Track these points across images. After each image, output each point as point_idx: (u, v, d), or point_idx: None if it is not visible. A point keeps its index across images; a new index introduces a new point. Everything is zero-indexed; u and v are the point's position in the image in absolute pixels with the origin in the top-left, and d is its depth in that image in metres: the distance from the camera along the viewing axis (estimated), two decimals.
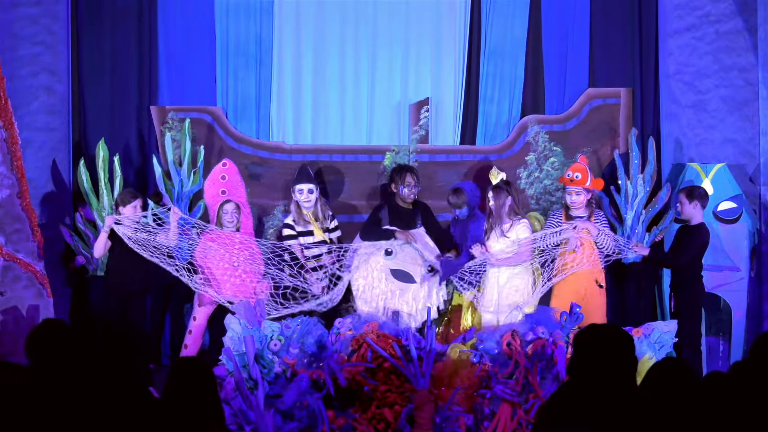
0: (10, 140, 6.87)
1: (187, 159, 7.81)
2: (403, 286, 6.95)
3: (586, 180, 6.88)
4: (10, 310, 6.74)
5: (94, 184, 7.77)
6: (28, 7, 7.92)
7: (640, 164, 7.79)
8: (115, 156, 7.76)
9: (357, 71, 8.40)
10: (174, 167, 7.79)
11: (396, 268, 6.97)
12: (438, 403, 5.77)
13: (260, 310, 6.26)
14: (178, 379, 3.71)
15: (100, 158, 7.75)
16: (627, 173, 7.80)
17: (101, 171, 7.73)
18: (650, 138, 7.90)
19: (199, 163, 7.82)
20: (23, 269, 6.84)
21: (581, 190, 6.87)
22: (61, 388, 3.82)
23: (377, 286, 6.95)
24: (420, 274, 6.96)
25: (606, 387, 3.31)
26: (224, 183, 7.12)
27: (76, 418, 3.69)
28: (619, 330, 3.45)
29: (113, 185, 7.73)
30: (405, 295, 6.93)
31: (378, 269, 6.97)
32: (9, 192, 6.86)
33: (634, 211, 7.72)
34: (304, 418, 5.71)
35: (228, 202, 7.04)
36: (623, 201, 7.79)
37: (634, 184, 7.73)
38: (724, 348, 7.75)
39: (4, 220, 6.82)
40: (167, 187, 7.78)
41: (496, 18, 8.36)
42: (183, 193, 7.80)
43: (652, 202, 7.78)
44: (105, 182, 7.73)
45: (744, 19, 7.89)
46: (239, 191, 7.18)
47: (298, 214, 7.23)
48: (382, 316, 6.70)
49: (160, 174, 7.79)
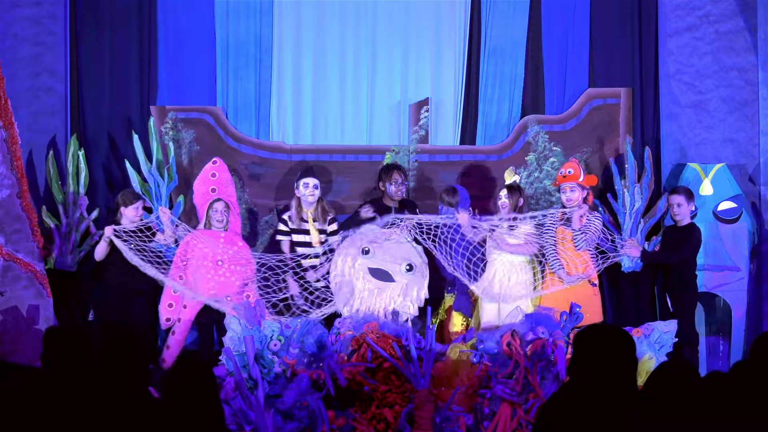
0: (11, 140, 6.86)
1: (155, 157, 7.78)
2: (381, 284, 6.90)
3: (578, 175, 6.87)
4: (10, 310, 6.73)
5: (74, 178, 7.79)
6: (29, 8, 7.93)
7: (636, 172, 7.77)
8: (80, 151, 7.76)
9: (357, 71, 8.40)
10: (145, 166, 7.77)
11: (374, 266, 6.94)
12: (438, 403, 5.76)
13: (260, 310, 6.26)
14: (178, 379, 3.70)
15: (70, 152, 7.75)
16: (623, 180, 7.78)
17: (70, 165, 7.74)
18: (646, 147, 7.88)
19: (171, 159, 7.80)
20: (23, 269, 6.83)
21: (575, 185, 6.86)
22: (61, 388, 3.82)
23: (356, 285, 6.90)
24: (399, 273, 6.91)
25: (606, 387, 3.31)
26: (215, 181, 7.08)
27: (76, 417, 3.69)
28: (620, 330, 3.45)
29: (79, 177, 7.73)
30: (383, 294, 6.88)
31: (356, 267, 6.93)
32: (9, 192, 6.85)
33: (632, 220, 7.69)
34: (304, 418, 5.71)
35: (218, 200, 7.00)
36: (620, 208, 7.77)
37: (632, 193, 7.71)
38: (724, 348, 7.75)
39: (4, 220, 6.81)
40: (143, 189, 7.75)
41: (496, 18, 8.36)
42: (159, 192, 7.77)
43: (650, 212, 7.76)
44: (73, 175, 7.74)
45: (744, 19, 7.89)
46: (229, 190, 7.15)
47: (297, 211, 7.21)
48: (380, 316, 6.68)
49: (134, 176, 7.77)
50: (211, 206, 6.98)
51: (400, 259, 6.92)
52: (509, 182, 7.06)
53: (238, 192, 7.74)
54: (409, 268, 6.91)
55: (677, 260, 6.91)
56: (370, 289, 6.86)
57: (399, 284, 6.87)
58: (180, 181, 7.93)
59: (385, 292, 6.86)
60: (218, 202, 6.98)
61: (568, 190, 6.88)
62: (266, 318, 6.26)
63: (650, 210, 7.79)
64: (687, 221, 7.04)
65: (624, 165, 7.81)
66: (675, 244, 6.99)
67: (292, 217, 7.22)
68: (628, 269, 7.70)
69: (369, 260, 6.91)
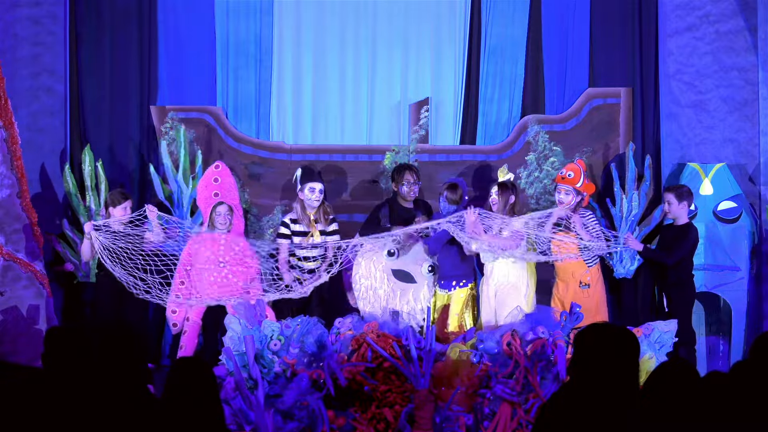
0: (11, 140, 6.86)
1: (182, 164, 7.79)
2: (403, 286, 6.95)
3: (577, 180, 6.83)
4: (10, 310, 6.73)
5: (82, 188, 7.76)
6: (29, 8, 7.93)
7: (636, 179, 7.77)
8: (98, 162, 7.74)
9: (357, 71, 8.40)
10: (171, 173, 7.78)
11: (397, 268, 6.97)
12: (438, 403, 5.76)
13: (260, 310, 6.26)
14: (178, 379, 3.71)
15: (86, 163, 7.73)
16: (623, 187, 7.78)
17: (87, 176, 7.72)
18: (647, 156, 7.88)
19: (197, 168, 7.80)
20: (23, 269, 6.83)
21: (570, 189, 6.83)
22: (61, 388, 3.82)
23: (380, 287, 6.95)
24: (421, 274, 6.96)
25: (607, 387, 3.31)
26: (217, 185, 7.08)
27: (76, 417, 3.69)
28: (622, 329, 3.43)
29: (99, 190, 7.72)
30: (406, 295, 6.93)
31: (380, 270, 6.97)
32: (9, 192, 6.86)
33: (628, 227, 7.68)
34: (304, 418, 5.71)
35: (221, 204, 6.99)
36: (617, 214, 7.77)
37: (629, 200, 7.70)
38: (724, 348, 7.75)
39: (4, 220, 6.81)
40: (166, 194, 7.76)
41: (496, 18, 8.36)
42: (182, 198, 7.78)
43: (645, 221, 7.75)
44: (91, 187, 7.72)
45: (744, 19, 7.89)
46: (232, 193, 7.14)
47: (304, 214, 7.18)
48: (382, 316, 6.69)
49: (158, 181, 7.78)
50: (215, 209, 6.98)
51: (421, 260, 6.96)
52: (502, 180, 7.05)
53: (238, 192, 7.74)
54: (431, 269, 6.95)
55: (675, 261, 6.91)
56: (393, 291, 6.90)
57: (420, 285, 6.91)
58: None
59: (408, 294, 6.91)
60: (221, 206, 6.98)
61: (563, 192, 6.86)
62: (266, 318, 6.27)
63: (646, 218, 7.79)
64: (684, 220, 7.01)
65: (624, 170, 7.81)
66: (672, 243, 7.00)
67: (299, 219, 7.18)
68: (619, 275, 7.71)
69: (393, 262, 6.94)
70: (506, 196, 6.88)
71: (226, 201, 7.01)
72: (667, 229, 7.17)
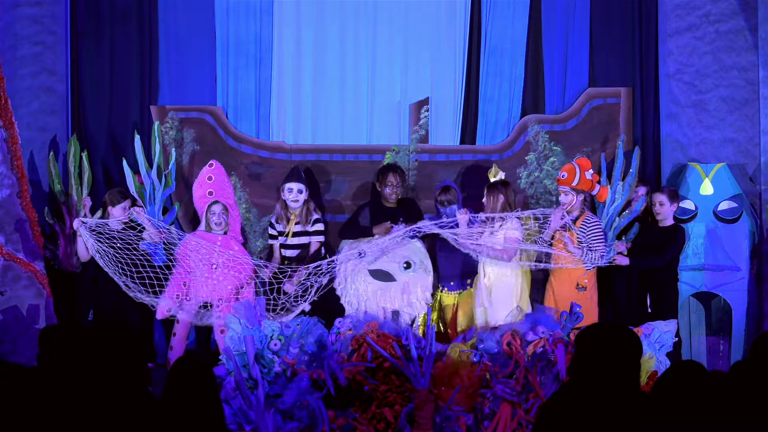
0: (11, 140, 6.87)
1: (156, 160, 7.77)
2: (383, 285, 6.89)
3: (572, 180, 6.79)
4: (10, 309, 6.74)
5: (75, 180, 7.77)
6: (29, 8, 7.93)
7: (622, 171, 7.75)
8: (83, 153, 7.75)
9: (357, 71, 8.40)
10: (144, 169, 7.75)
11: (375, 268, 6.93)
12: (438, 403, 5.76)
13: (260, 309, 6.26)
14: (178, 379, 3.71)
15: (71, 153, 7.73)
16: (609, 177, 7.76)
17: (72, 166, 7.72)
18: (636, 147, 7.85)
19: (171, 165, 7.78)
20: (23, 269, 6.83)
21: (568, 189, 6.82)
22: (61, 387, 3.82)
23: (359, 287, 6.88)
24: (399, 272, 6.90)
25: (607, 387, 3.31)
26: (211, 184, 7.05)
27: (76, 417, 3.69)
28: (624, 329, 3.42)
29: (82, 179, 7.72)
30: (387, 294, 6.87)
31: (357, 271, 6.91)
32: (9, 192, 6.86)
33: (609, 217, 7.64)
34: (304, 418, 5.71)
35: (216, 203, 6.96)
36: (600, 203, 7.75)
37: (613, 189, 7.67)
38: (724, 348, 7.74)
39: (4, 220, 6.82)
40: (137, 188, 7.73)
41: (496, 17, 8.36)
42: (155, 195, 7.75)
43: (626, 212, 7.70)
44: (75, 177, 7.72)
45: (744, 19, 7.89)
46: (227, 192, 7.11)
47: (284, 213, 7.19)
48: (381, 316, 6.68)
49: (130, 175, 7.74)
50: (209, 209, 6.95)
51: (398, 257, 6.91)
52: (492, 180, 7.04)
53: (238, 192, 7.74)
54: (406, 265, 6.89)
55: (665, 263, 6.94)
56: (373, 291, 6.85)
57: (400, 283, 6.86)
58: (180, 184, 7.93)
59: (388, 293, 6.86)
60: (216, 205, 6.94)
61: (562, 194, 6.87)
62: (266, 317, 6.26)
63: (626, 209, 7.75)
64: (671, 221, 7.04)
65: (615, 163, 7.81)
66: (659, 245, 6.99)
67: (280, 218, 7.20)
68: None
69: (366, 263, 6.89)
70: (494, 196, 6.84)
71: (220, 200, 6.96)
72: (651, 230, 7.15)
